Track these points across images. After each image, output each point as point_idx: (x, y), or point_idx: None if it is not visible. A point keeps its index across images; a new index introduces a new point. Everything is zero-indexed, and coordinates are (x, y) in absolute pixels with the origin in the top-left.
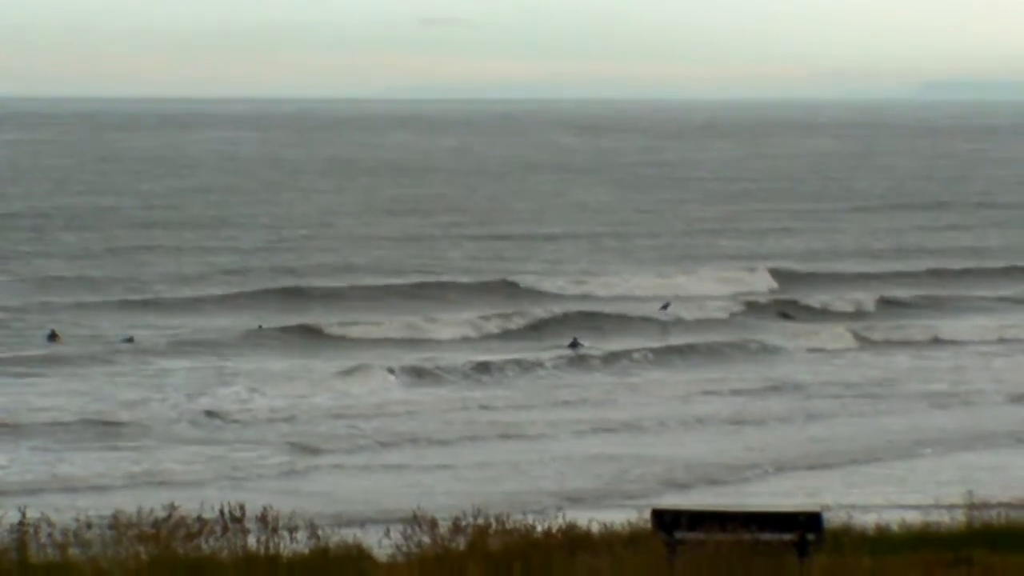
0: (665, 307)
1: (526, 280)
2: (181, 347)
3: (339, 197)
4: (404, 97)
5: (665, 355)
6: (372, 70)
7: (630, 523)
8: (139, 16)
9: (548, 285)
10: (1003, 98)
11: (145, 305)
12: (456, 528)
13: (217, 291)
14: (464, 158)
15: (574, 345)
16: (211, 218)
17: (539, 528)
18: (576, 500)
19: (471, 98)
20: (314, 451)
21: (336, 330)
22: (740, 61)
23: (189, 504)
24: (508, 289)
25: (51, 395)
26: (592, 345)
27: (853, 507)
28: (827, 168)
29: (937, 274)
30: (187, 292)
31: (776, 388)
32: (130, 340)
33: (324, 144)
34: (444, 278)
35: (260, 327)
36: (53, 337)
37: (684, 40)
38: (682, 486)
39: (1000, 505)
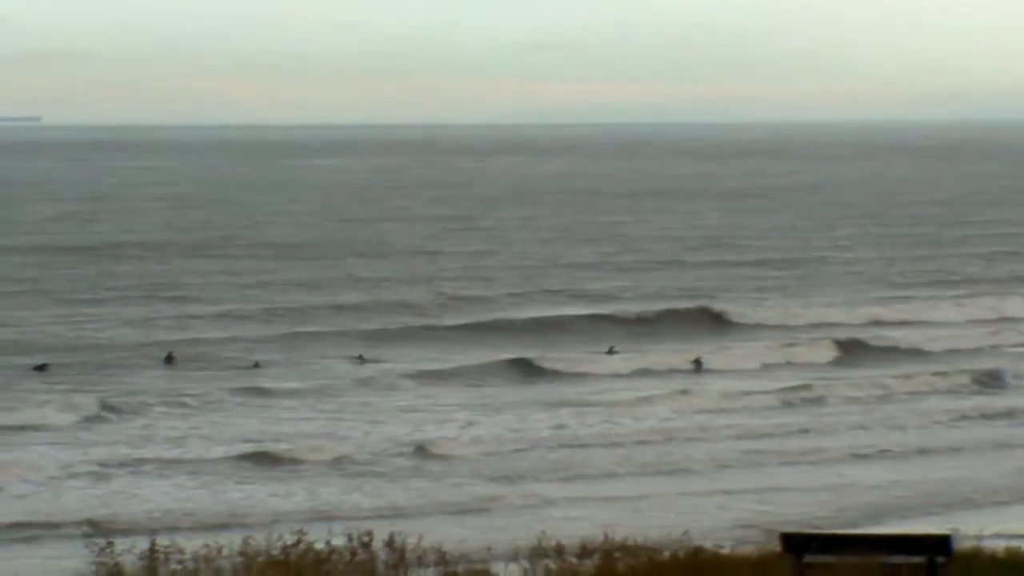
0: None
1: (727, 308)
2: (406, 378)
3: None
4: (516, 122)
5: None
6: (483, 96)
7: (757, 547)
8: (251, 41)
9: (749, 314)
10: None
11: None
12: (583, 552)
13: (421, 322)
14: (616, 183)
15: (697, 363)
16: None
17: (666, 552)
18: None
19: (582, 123)
20: (515, 481)
21: (548, 363)
22: (841, 80)
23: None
24: (710, 319)
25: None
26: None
27: (983, 533)
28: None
29: None
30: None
31: None
32: (256, 365)
33: (456, 170)
34: (658, 307)
35: (360, 357)
36: (170, 360)
37: (795, 59)
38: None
39: None
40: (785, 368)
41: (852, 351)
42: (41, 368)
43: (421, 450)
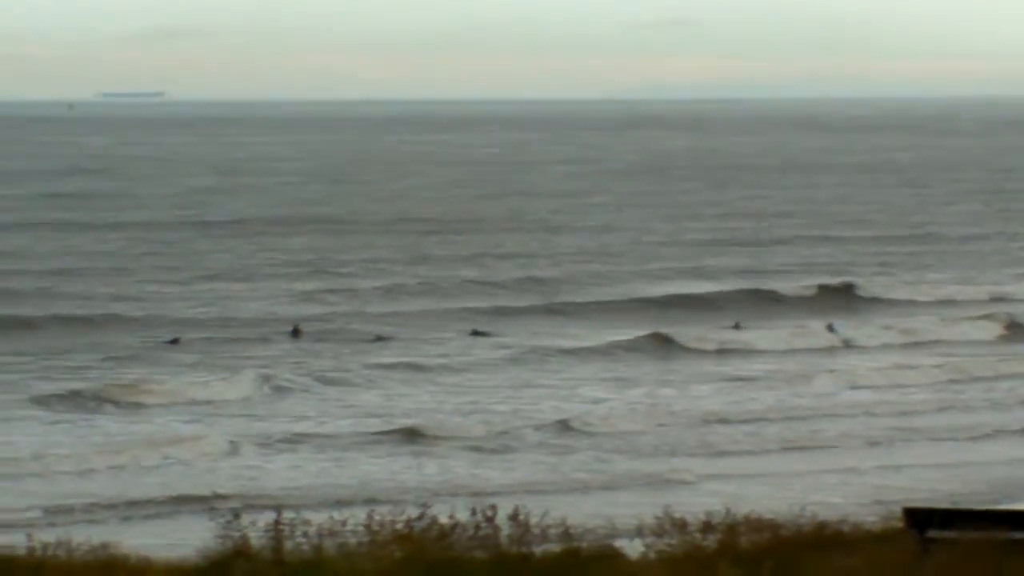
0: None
1: (857, 283)
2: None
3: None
4: (640, 98)
5: None
6: (596, 72)
7: (881, 521)
8: (373, 18)
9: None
10: None
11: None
12: (707, 527)
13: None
14: (725, 158)
15: (831, 328)
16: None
17: (789, 528)
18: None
19: (696, 98)
20: (647, 457)
21: (681, 339)
22: (965, 57)
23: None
24: (840, 295)
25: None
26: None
27: None
28: None
29: None
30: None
31: None
32: (379, 339)
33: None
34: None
35: (475, 331)
36: (296, 333)
37: (911, 36)
38: None
39: None
40: (923, 344)
41: (1002, 327)
42: (173, 342)
43: (557, 425)
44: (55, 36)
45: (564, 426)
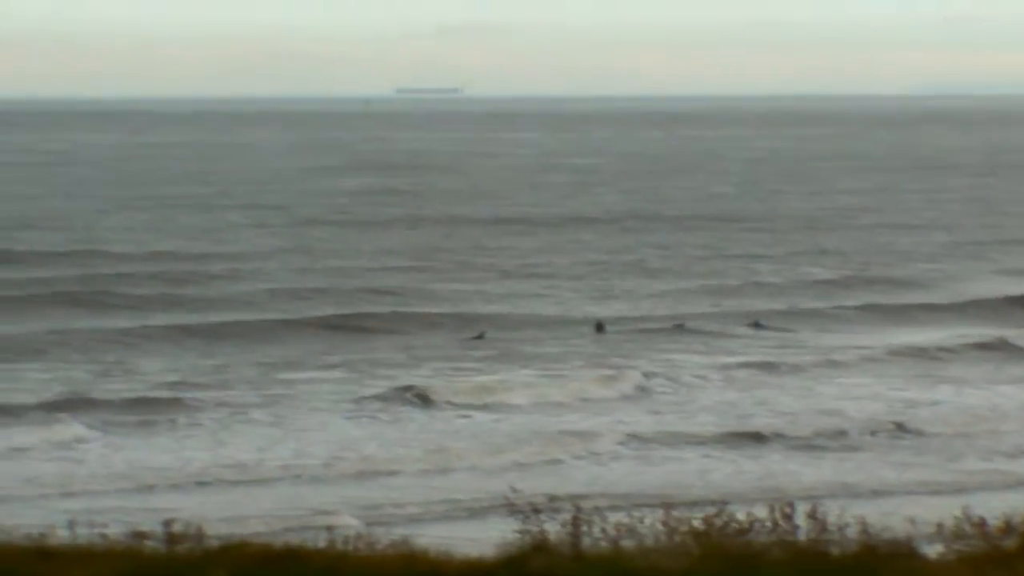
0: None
1: None
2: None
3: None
4: (931, 94)
5: None
6: (897, 67)
7: None
8: (648, 13)
9: None
10: None
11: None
12: (1006, 528)
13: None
14: None
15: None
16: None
17: None
18: None
19: (996, 94)
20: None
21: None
22: None
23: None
24: None
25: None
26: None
27: None
28: None
29: None
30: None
31: None
32: (680, 328)
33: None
34: None
35: (757, 323)
36: (600, 328)
37: None
38: None
39: None
40: None
41: None
42: (478, 338)
43: (892, 426)
44: (347, 32)
45: (899, 427)
